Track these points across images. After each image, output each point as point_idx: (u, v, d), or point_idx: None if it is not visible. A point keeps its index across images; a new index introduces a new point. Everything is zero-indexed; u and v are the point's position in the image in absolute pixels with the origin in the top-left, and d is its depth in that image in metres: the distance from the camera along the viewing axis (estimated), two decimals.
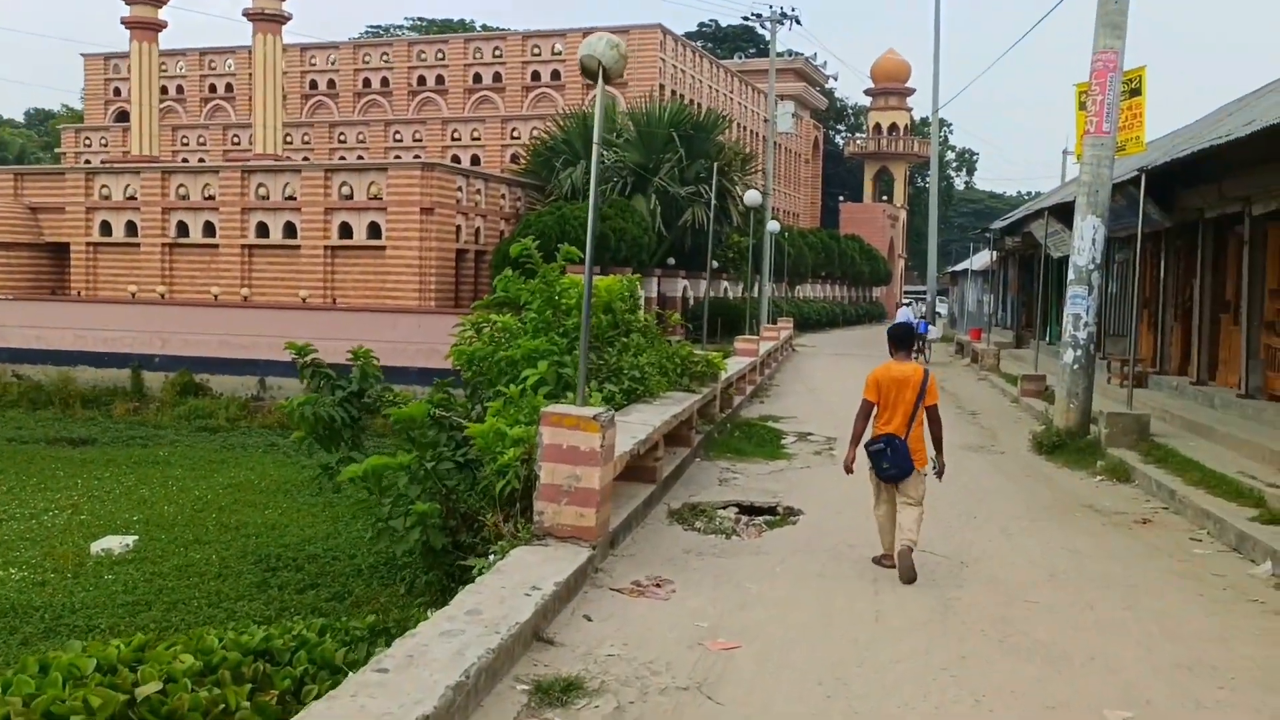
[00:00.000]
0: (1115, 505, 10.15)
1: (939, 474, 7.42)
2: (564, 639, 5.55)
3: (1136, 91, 13.76)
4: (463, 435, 8.77)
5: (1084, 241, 13.15)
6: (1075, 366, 13.26)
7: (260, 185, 32.46)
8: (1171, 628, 6.25)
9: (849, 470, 7.58)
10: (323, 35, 57.59)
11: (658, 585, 6.90)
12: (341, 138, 49.23)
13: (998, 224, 30.46)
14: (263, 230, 32.52)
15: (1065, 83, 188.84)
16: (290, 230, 32.16)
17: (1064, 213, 20.99)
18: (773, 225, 35.33)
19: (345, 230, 31.45)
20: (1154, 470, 11.00)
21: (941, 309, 39.55)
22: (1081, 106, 14.11)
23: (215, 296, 32.00)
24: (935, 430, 7.35)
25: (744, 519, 9.47)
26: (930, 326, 34.07)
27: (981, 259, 37.37)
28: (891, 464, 7.16)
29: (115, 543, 13.64)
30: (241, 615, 10.43)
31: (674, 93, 44.41)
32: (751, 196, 34.95)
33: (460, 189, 32.05)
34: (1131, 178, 14.29)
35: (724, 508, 9.79)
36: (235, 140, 49.87)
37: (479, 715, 4.43)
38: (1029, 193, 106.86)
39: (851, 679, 5.23)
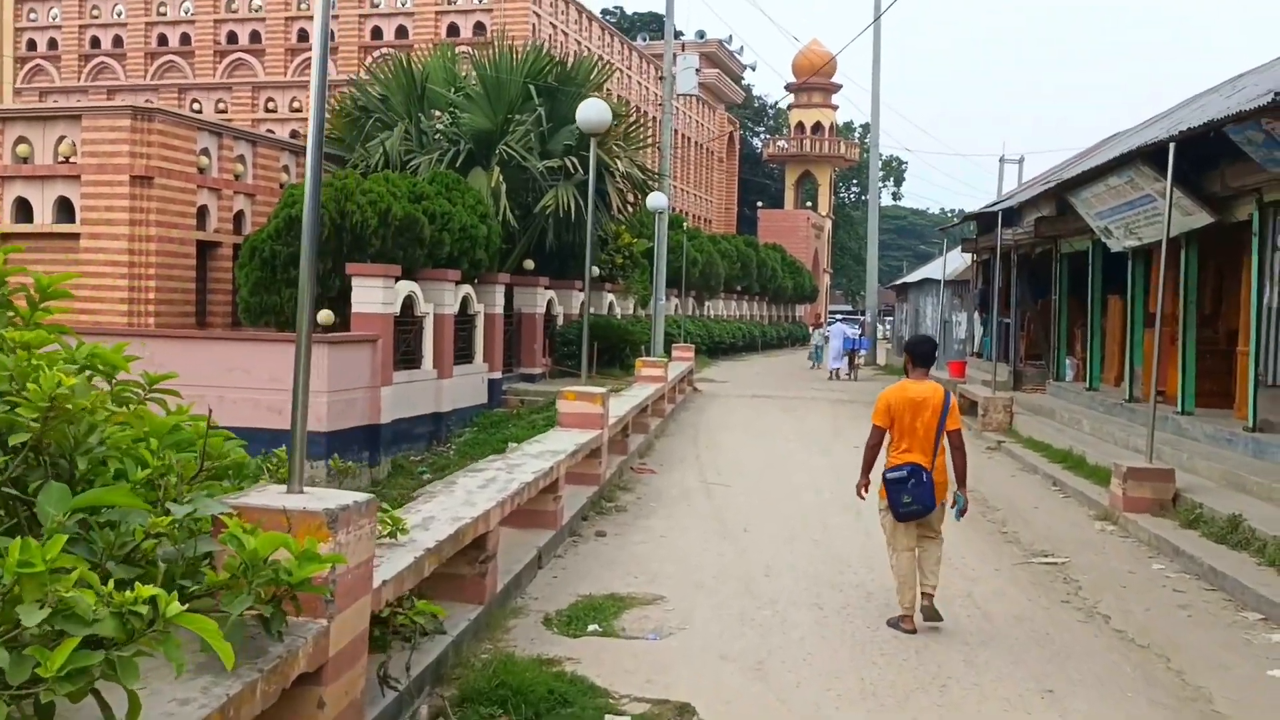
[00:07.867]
0: None
1: (960, 513, 6.34)
2: None
3: None
4: None
5: None
6: None
7: None
8: None
9: (861, 495, 6.55)
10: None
11: None
12: None
13: (996, 204, 20.52)
14: None
15: (995, 95, 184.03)
16: None
17: (1159, 160, 11.42)
18: (657, 200, 25.27)
19: (23, 210, 20.77)
20: None
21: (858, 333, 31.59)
22: None
23: None
24: (959, 461, 6.30)
25: None
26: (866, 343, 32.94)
27: (952, 263, 28.07)
28: (914, 499, 6.08)
29: None
30: None
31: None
32: (655, 199, 25.46)
33: (207, 152, 21.67)
34: None
35: None
36: None
37: None
38: (954, 209, 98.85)
39: None
